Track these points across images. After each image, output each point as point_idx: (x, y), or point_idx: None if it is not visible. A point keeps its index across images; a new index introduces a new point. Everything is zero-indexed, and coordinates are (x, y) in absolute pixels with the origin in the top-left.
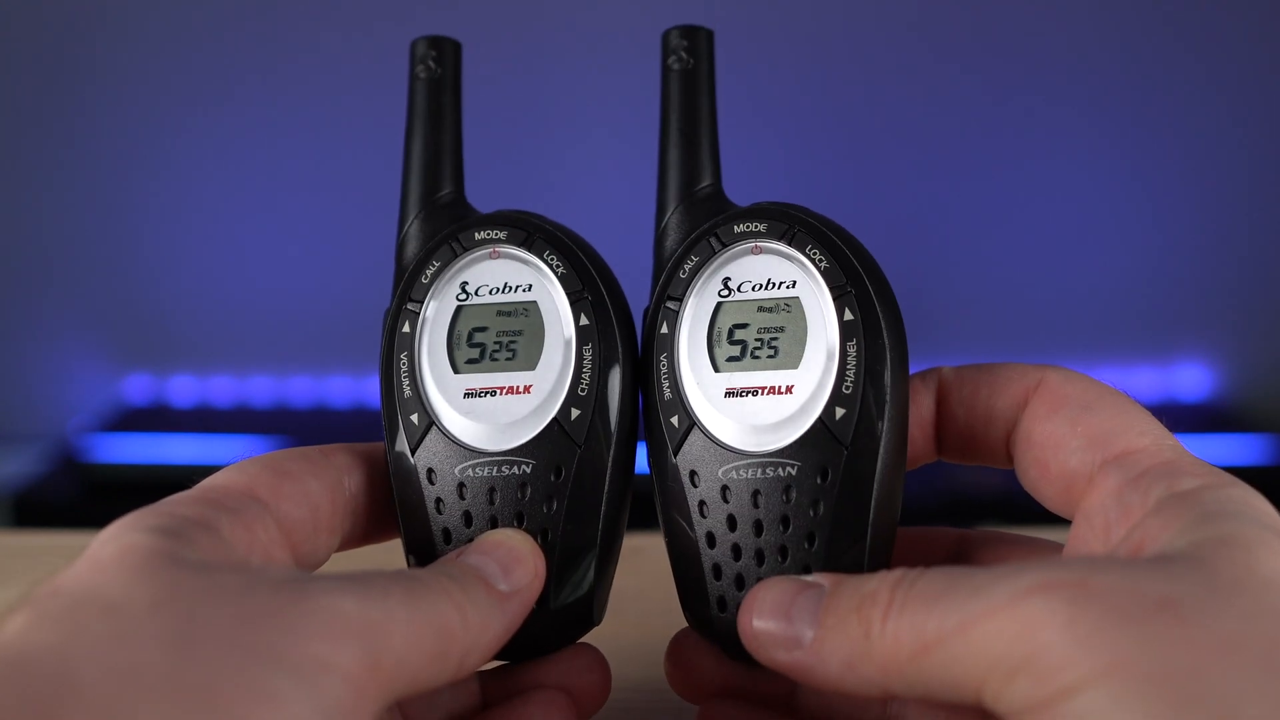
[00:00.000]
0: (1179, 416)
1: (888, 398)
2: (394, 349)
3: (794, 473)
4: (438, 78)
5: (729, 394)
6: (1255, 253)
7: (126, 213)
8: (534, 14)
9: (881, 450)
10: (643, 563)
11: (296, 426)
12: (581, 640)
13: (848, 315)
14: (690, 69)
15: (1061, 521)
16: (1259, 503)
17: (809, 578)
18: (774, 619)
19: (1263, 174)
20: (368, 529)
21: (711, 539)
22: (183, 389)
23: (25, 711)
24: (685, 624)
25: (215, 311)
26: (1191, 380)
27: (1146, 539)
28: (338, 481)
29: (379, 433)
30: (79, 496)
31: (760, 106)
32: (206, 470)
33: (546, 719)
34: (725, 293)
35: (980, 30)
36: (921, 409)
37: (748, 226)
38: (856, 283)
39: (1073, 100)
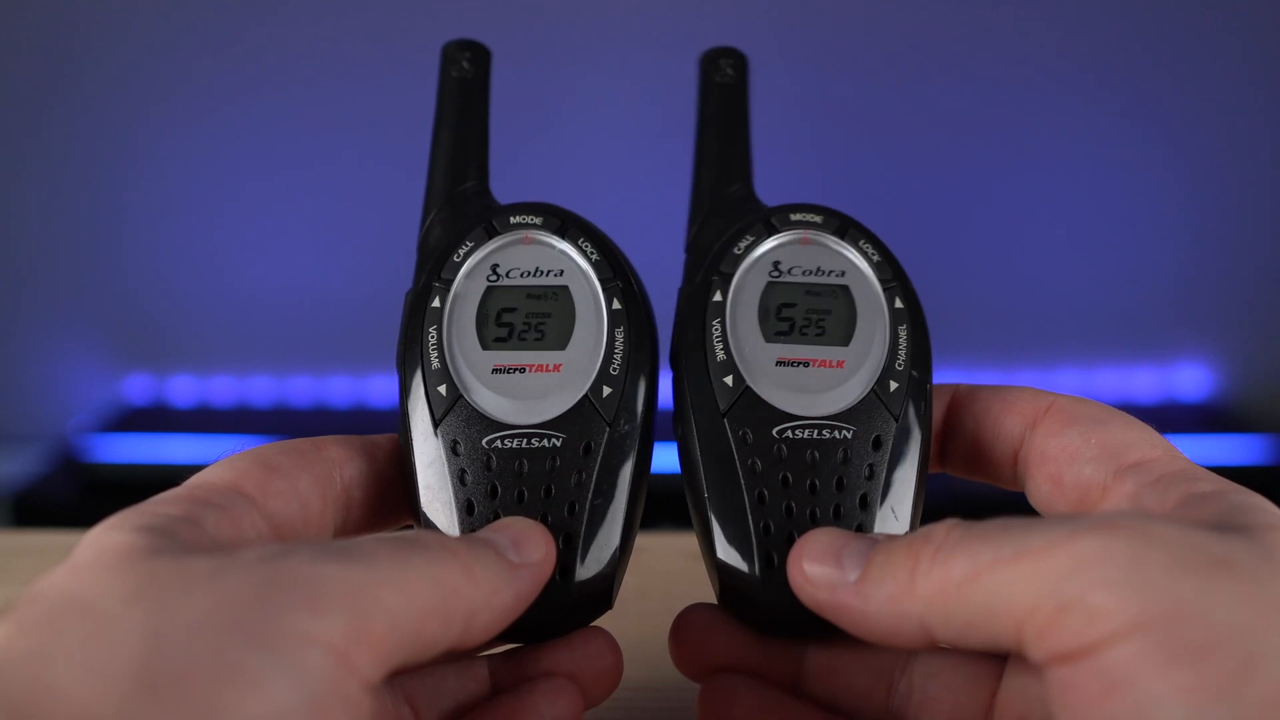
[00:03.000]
0: (1179, 416)
1: (928, 380)
2: (422, 323)
3: (850, 437)
4: (470, 78)
5: (780, 363)
6: (1255, 253)
7: (126, 212)
8: (542, 16)
9: (924, 425)
10: (643, 562)
11: (296, 426)
12: (593, 625)
13: (898, 304)
14: (734, 84)
15: None
16: (1275, 507)
17: (863, 534)
18: (824, 562)
19: (1263, 174)
20: (364, 520)
21: (763, 497)
22: (183, 389)
23: (1, 716)
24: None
25: (215, 311)
26: (1191, 380)
27: None
28: (329, 475)
29: (380, 431)
30: (79, 496)
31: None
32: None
33: (554, 707)
34: (775, 274)
35: (977, 28)
36: (934, 420)
37: (804, 216)
38: (899, 277)
39: (1072, 99)
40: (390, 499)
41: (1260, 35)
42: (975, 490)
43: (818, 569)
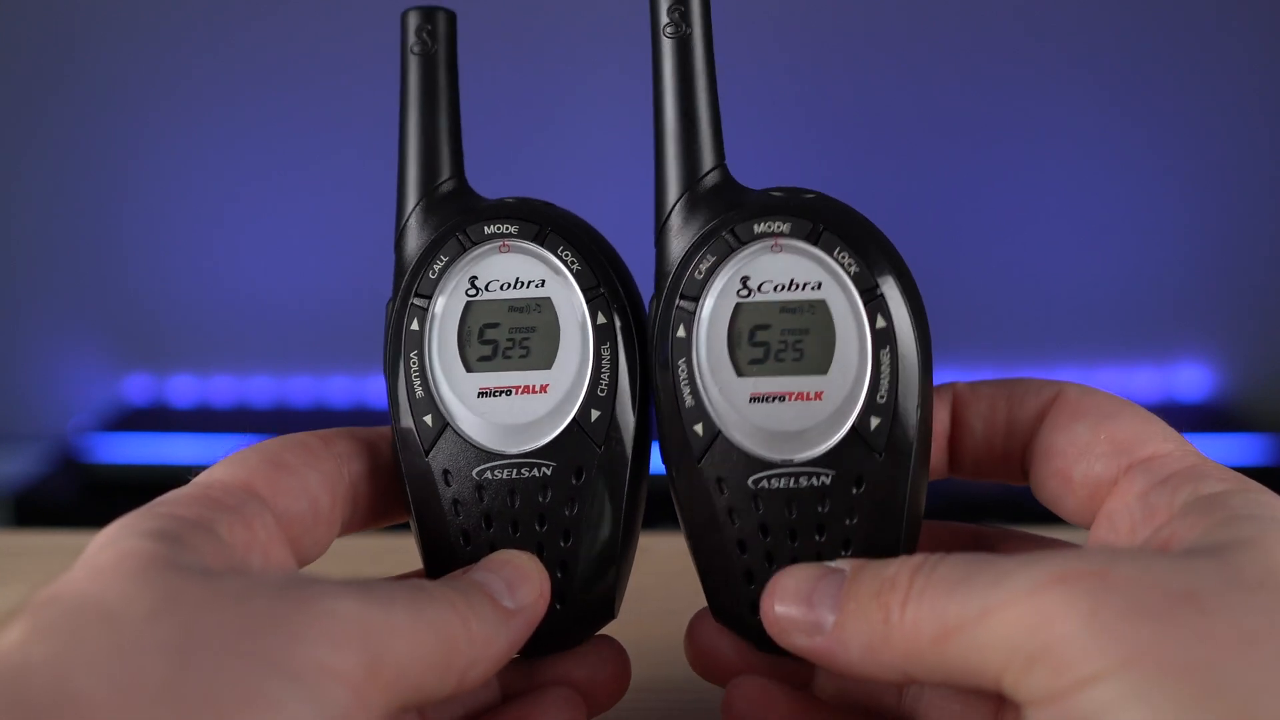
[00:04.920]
0: (1179, 416)
1: (918, 404)
2: (402, 347)
3: (828, 482)
4: (432, 53)
5: (754, 399)
6: (1255, 253)
7: (126, 212)
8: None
9: (914, 457)
10: (645, 563)
11: (296, 427)
12: (601, 632)
13: (880, 322)
14: (685, 36)
15: (1065, 522)
16: None
17: (831, 564)
18: (796, 604)
19: (1263, 174)
20: (369, 515)
21: (743, 545)
22: (183, 389)
23: None
24: (684, 625)
25: (215, 311)
26: (1191, 380)
27: (1172, 539)
28: (337, 471)
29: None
30: (79, 496)
31: (747, 93)
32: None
33: (562, 714)
34: (744, 293)
35: (980, 29)
36: (938, 424)
37: (769, 226)
38: (887, 285)
39: (1072, 99)
40: (394, 494)
41: (1260, 35)
42: (973, 492)
43: (789, 611)
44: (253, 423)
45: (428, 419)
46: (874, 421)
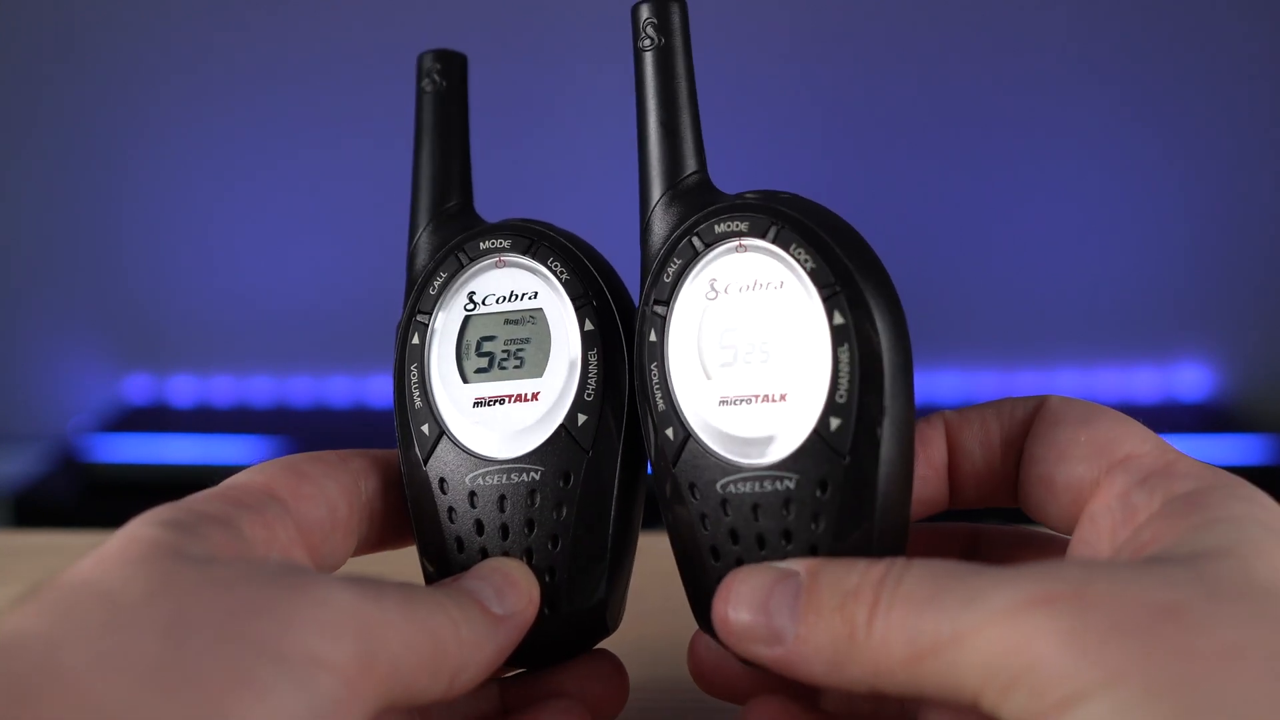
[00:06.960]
0: (1179, 416)
1: (886, 404)
2: (404, 361)
3: (792, 486)
4: (444, 91)
5: (723, 402)
6: (1255, 253)
7: (127, 212)
8: (533, 10)
9: (883, 459)
10: (642, 562)
11: (296, 426)
12: (600, 646)
13: (838, 319)
14: (662, 47)
15: None
16: (1262, 506)
17: (784, 564)
18: (751, 611)
19: (1263, 174)
20: (383, 535)
21: (716, 553)
22: (183, 389)
23: (3, 694)
24: (682, 624)
25: (215, 311)
26: (1191, 380)
27: (1151, 541)
28: (354, 485)
29: (380, 433)
30: (79, 496)
31: (749, 95)
32: (206, 470)
33: None
34: (712, 295)
35: (979, 26)
36: (934, 454)
37: (729, 225)
38: (847, 282)
39: (1072, 98)
40: (405, 515)
41: (1261, 35)
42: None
43: (743, 617)
44: (253, 423)
45: (425, 428)
46: (834, 423)
